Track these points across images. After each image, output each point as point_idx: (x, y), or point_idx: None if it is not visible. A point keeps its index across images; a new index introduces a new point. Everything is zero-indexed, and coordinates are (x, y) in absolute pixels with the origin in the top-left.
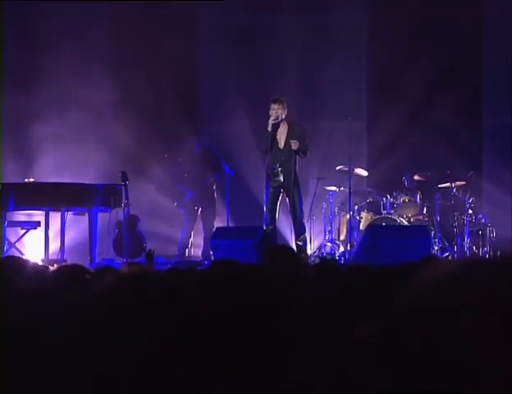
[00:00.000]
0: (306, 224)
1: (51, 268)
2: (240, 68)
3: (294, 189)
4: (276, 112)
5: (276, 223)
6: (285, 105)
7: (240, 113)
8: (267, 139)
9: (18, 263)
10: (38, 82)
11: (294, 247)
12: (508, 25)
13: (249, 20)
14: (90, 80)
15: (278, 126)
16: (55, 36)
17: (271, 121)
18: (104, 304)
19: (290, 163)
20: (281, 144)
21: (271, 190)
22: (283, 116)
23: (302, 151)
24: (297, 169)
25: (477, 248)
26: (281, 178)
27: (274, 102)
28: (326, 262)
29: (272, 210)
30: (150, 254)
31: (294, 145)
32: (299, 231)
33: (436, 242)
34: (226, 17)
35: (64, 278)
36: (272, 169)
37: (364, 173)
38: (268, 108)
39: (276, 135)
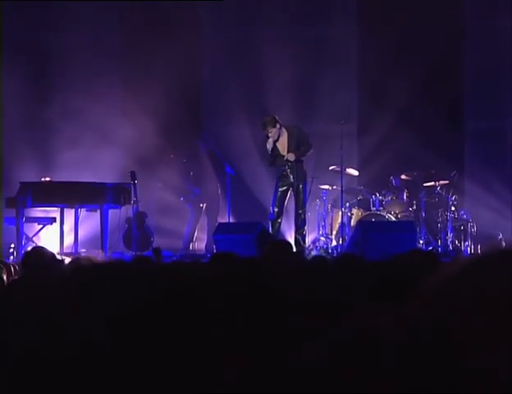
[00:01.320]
0: (307, 219)
1: (66, 259)
2: (239, 76)
3: (300, 185)
4: (273, 133)
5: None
6: (276, 119)
7: (239, 118)
8: (270, 156)
9: (45, 253)
10: (55, 87)
11: (293, 240)
12: (487, 35)
13: (249, 32)
14: (103, 87)
15: (278, 136)
16: (69, 45)
17: (271, 141)
18: (115, 293)
19: (297, 164)
20: (285, 151)
21: (280, 190)
22: (277, 128)
23: (301, 155)
24: (305, 166)
25: (460, 242)
26: (291, 178)
27: (265, 126)
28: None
29: (280, 207)
30: (158, 251)
31: (292, 157)
32: (300, 225)
33: (421, 237)
34: (227, 29)
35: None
36: (281, 171)
37: (355, 173)
38: (264, 130)
39: (276, 145)
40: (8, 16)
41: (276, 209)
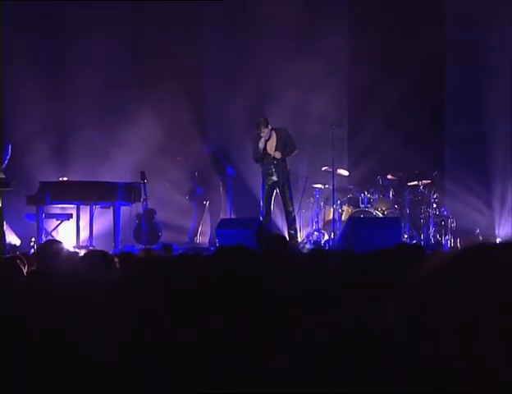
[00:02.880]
0: (296, 216)
1: (80, 252)
2: (239, 85)
3: (285, 185)
4: (265, 133)
5: (272, 215)
6: (268, 121)
7: (240, 124)
8: (259, 152)
9: (56, 245)
10: (70, 93)
11: (286, 235)
12: (467, 47)
13: (249, 44)
14: (116, 95)
15: (269, 137)
16: (83, 51)
17: (263, 141)
18: (127, 280)
19: (282, 163)
20: (272, 150)
21: (266, 187)
22: (269, 129)
23: (287, 155)
24: (288, 168)
25: (441, 236)
26: (275, 177)
27: (258, 127)
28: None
29: (268, 204)
30: (169, 248)
31: (278, 155)
32: (290, 222)
33: (405, 231)
34: (228, 41)
35: (91, 260)
36: (267, 170)
37: (345, 173)
38: (257, 130)
39: (267, 144)
40: (25, 18)
41: (264, 206)
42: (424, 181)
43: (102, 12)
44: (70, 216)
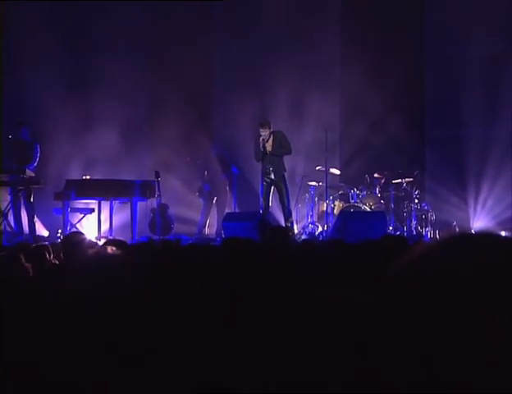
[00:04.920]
0: (292, 210)
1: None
2: (243, 93)
3: (282, 183)
4: (266, 133)
5: (270, 209)
6: (270, 125)
7: (243, 128)
8: (259, 151)
9: (80, 236)
10: (94, 99)
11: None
12: (444, 61)
13: (252, 57)
14: (134, 103)
15: (268, 138)
16: (107, 63)
17: (262, 141)
18: (144, 266)
19: (279, 163)
20: (270, 151)
21: (264, 184)
22: (270, 131)
23: (281, 153)
24: (285, 167)
25: (422, 228)
26: (272, 176)
27: (263, 126)
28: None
29: (266, 200)
30: (178, 240)
31: (274, 152)
32: (287, 216)
33: (390, 224)
34: (234, 54)
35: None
36: (265, 169)
37: (337, 172)
38: (260, 128)
39: (266, 144)
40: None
41: (263, 201)
42: (407, 179)
43: (121, 25)
44: (93, 210)
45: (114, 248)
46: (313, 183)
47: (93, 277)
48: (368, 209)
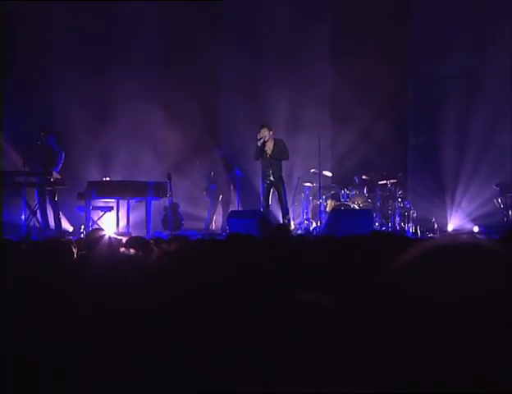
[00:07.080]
0: (290, 208)
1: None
2: (246, 103)
3: (280, 184)
4: (263, 133)
5: (270, 208)
6: (271, 128)
7: (246, 133)
8: (258, 151)
9: (101, 232)
10: (113, 107)
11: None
12: (425, 73)
13: (253, 71)
14: (149, 110)
15: (268, 140)
16: (122, 70)
17: (262, 140)
18: (158, 259)
19: (277, 167)
20: (270, 155)
21: (265, 185)
22: (270, 134)
23: (279, 158)
24: (283, 170)
25: (404, 224)
26: (272, 178)
27: (263, 127)
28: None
29: (266, 199)
30: (186, 237)
31: (273, 155)
32: (285, 213)
33: (377, 220)
34: (236, 68)
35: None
36: (265, 171)
37: (329, 174)
38: (260, 129)
39: (266, 148)
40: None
41: (263, 201)
42: (391, 180)
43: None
44: (112, 208)
45: (133, 250)
46: (308, 184)
47: (108, 274)
48: (357, 207)
